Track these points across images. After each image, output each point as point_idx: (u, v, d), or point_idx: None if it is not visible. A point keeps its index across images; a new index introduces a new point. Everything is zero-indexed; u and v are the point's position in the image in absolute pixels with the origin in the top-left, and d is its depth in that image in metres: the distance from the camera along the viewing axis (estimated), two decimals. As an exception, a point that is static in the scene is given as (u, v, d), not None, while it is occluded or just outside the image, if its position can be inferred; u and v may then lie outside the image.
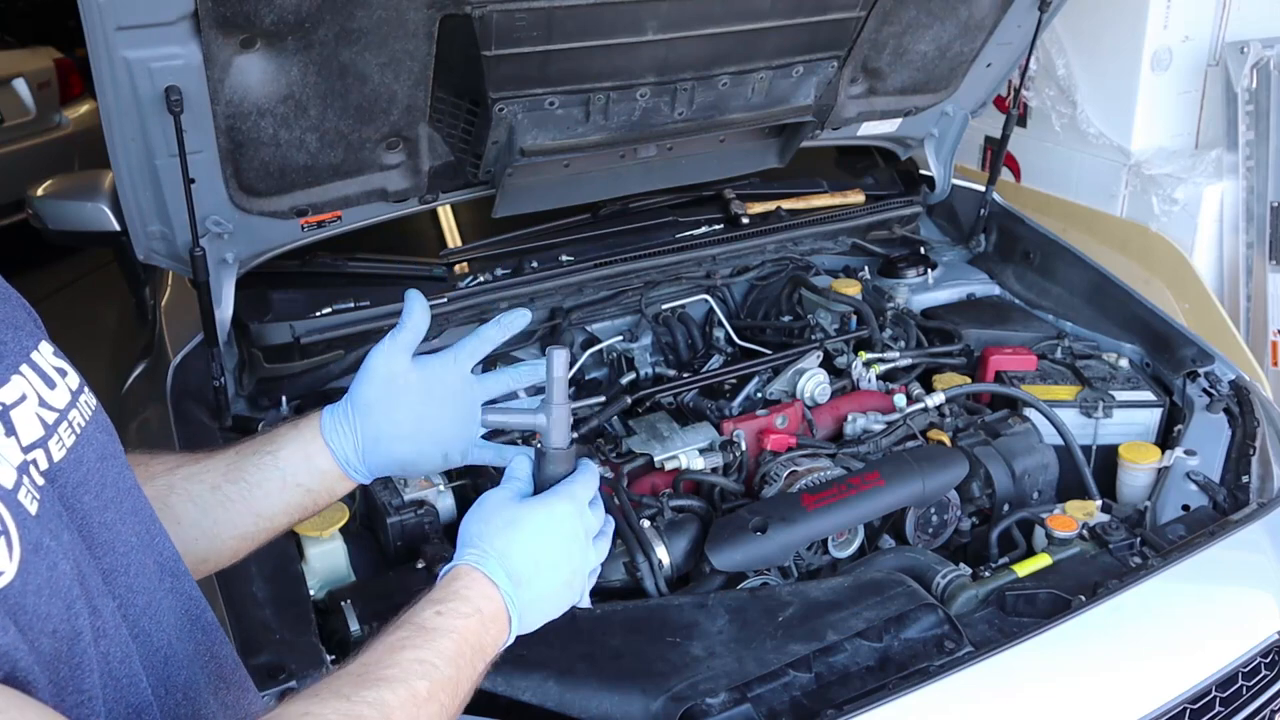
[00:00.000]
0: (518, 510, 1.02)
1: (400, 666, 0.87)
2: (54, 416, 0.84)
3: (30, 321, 0.91)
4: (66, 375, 0.89)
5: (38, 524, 0.76)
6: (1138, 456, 1.95)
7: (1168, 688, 1.50)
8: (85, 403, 0.90)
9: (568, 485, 1.06)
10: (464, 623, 0.93)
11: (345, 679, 0.86)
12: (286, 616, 1.47)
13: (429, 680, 0.87)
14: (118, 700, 0.82)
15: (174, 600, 0.95)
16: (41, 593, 0.74)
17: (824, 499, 1.72)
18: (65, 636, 0.76)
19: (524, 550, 1.00)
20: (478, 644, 0.94)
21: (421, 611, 0.93)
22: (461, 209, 2.37)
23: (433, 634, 0.91)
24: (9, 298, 0.89)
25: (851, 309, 2.35)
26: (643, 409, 2.09)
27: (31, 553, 0.74)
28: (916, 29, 2.23)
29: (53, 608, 0.75)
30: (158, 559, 0.94)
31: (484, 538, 1.00)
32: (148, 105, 1.52)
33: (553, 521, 1.02)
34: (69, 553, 0.79)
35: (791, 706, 1.38)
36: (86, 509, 0.85)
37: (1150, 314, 2.32)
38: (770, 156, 2.40)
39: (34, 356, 0.86)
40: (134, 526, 0.91)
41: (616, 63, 1.86)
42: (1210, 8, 3.41)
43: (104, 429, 0.92)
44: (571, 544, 1.04)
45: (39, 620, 0.73)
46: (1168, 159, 3.46)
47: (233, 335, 2.00)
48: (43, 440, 0.82)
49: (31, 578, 0.73)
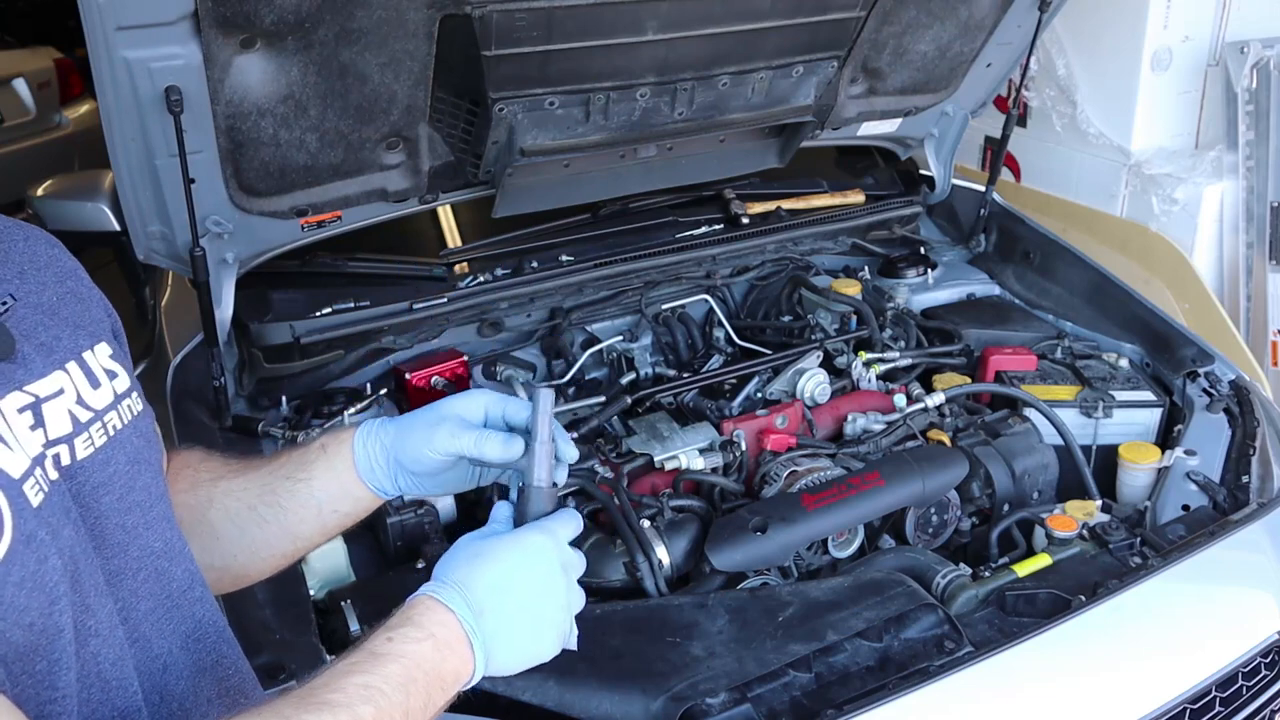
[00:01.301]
0: (485, 544, 1.00)
1: (345, 691, 0.84)
2: (88, 415, 0.86)
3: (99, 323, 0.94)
4: (116, 378, 0.91)
5: (36, 516, 0.77)
6: (1138, 456, 1.95)
7: (1168, 688, 1.50)
8: (128, 407, 0.92)
9: (544, 521, 1.03)
10: (415, 648, 0.90)
11: (289, 701, 0.84)
12: (286, 616, 1.47)
13: (374, 705, 0.84)
14: (102, 702, 0.82)
15: (183, 612, 0.95)
16: (23, 585, 0.74)
17: (824, 499, 1.72)
18: (42, 631, 0.76)
19: (486, 580, 0.96)
20: (433, 671, 0.91)
21: (374, 638, 0.91)
22: (461, 209, 2.37)
23: (381, 659, 0.88)
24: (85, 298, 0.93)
25: (851, 309, 2.35)
26: (643, 409, 2.09)
27: (22, 544, 0.75)
28: (916, 29, 2.23)
29: (33, 601, 0.75)
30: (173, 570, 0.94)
31: (447, 571, 0.98)
32: (148, 105, 1.52)
33: (521, 554, 0.99)
34: (66, 549, 0.79)
35: (791, 706, 1.38)
36: (104, 509, 0.86)
37: (1150, 314, 2.32)
38: (770, 156, 2.40)
39: (86, 355, 0.88)
40: (160, 533, 0.92)
41: (616, 63, 1.86)
42: (1210, 8, 3.41)
43: (143, 435, 0.93)
44: (546, 579, 0.99)
45: (15, 612, 0.74)
46: (1168, 159, 3.46)
47: (233, 335, 2.00)
48: (69, 436, 0.83)
49: (15, 569, 0.74)
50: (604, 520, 1.77)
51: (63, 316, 0.87)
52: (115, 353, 0.93)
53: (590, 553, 1.66)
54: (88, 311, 0.92)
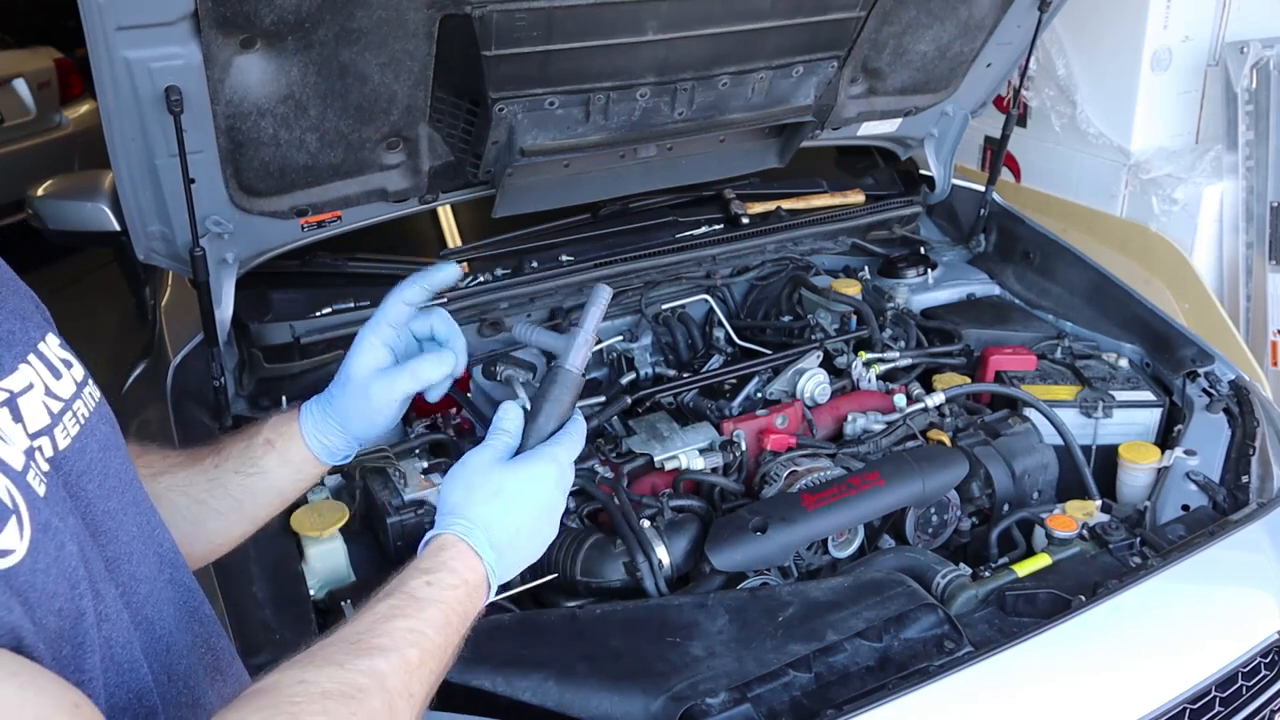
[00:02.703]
0: (502, 478, 1.04)
1: (391, 635, 0.89)
2: (59, 406, 0.86)
3: (38, 314, 0.93)
4: (72, 367, 0.91)
5: (46, 505, 0.77)
6: (1138, 456, 1.95)
7: (1168, 688, 1.50)
8: (90, 394, 0.92)
9: (552, 448, 1.07)
10: (451, 594, 0.96)
11: (339, 646, 0.87)
12: (286, 616, 1.48)
13: (419, 648, 0.90)
14: (119, 685, 0.83)
15: (173, 591, 0.97)
16: (50, 571, 0.75)
17: (824, 499, 1.72)
18: (69, 615, 0.77)
19: (507, 520, 1.03)
20: (463, 612, 0.98)
21: (410, 580, 0.96)
22: (461, 209, 2.37)
23: (423, 603, 0.94)
24: (18, 290, 0.91)
25: (851, 309, 2.35)
26: (643, 409, 2.09)
27: (41, 532, 0.75)
28: (916, 29, 2.23)
29: (59, 586, 0.76)
30: (157, 550, 0.96)
31: (469, 506, 1.03)
32: (148, 105, 1.52)
33: (536, 489, 1.05)
34: (75, 535, 0.80)
35: (791, 706, 1.38)
36: (90, 497, 0.86)
37: (1150, 314, 2.32)
38: (770, 156, 2.40)
39: (41, 347, 0.88)
40: (135, 517, 0.93)
41: (616, 63, 1.86)
42: (1210, 8, 3.41)
43: (107, 420, 0.93)
44: (554, 509, 1.07)
45: (46, 599, 0.74)
46: (1168, 159, 3.46)
47: (233, 335, 2.00)
48: (48, 428, 0.83)
49: (40, 557, 0.74)
50: (604, 520, 1.77)
51: (10, 309, 0.86)
52: (63, 342, 0.93)
53: (590, 553, 1.66)
54: (24, 303, 0.91)
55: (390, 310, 1.18)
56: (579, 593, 1.66)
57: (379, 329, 1.18)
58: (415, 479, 1.79)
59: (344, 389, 1.18)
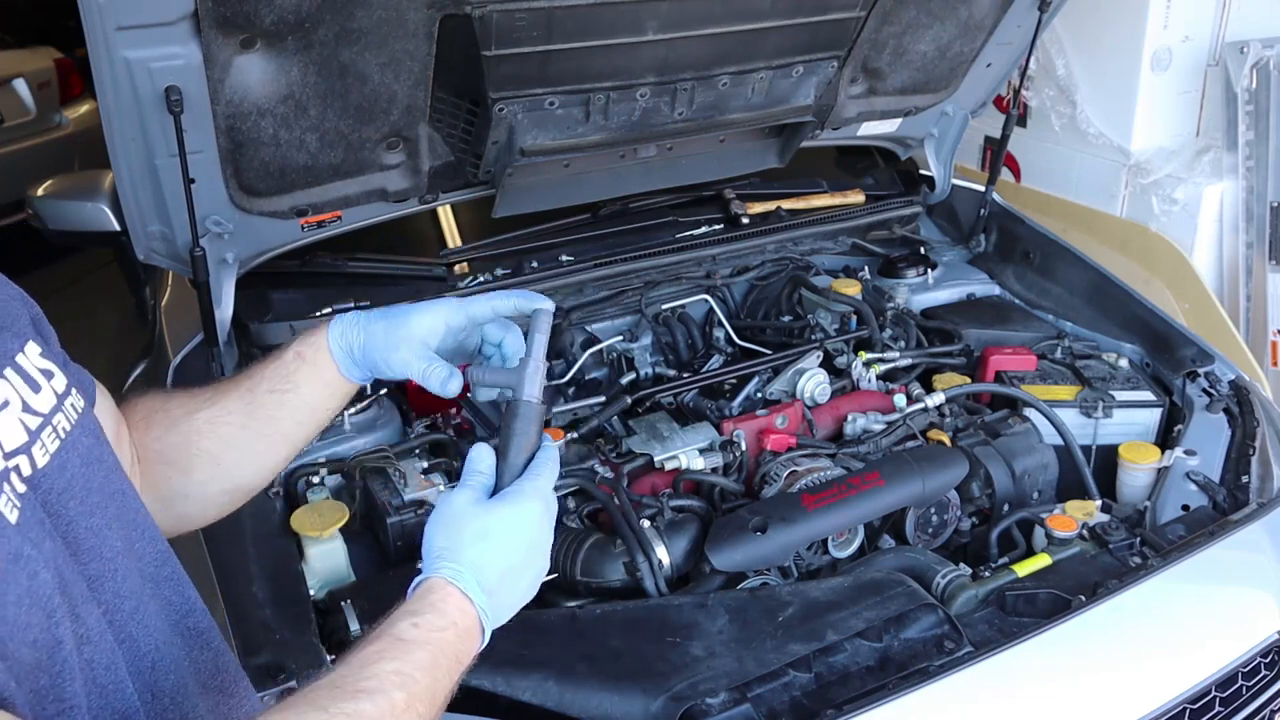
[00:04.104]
0: (488, 518, 1.01)
1: (378, 679, 0.87)
2: (37, 422, 0.83)
3: (21, 320, 0.90)
4: (53, 377, 0.88)
5: (18, 533, 0.75)
6: (1138, 456, 1.95)
7: (1168, 688, 1.50)
8: (71, 405, 0.89)
9: (533, 481, 1.05)
10: (439, 635, 0.93)
11: (324, 691, 0.85)
12: (286, 616, 1.47)
13: (406, 691, 0.87)
14: (103, 707, 0.82)
15: (161, 605, 0.95)
16: (21, 603, 0.73)
17: (824, 499, 1.72)
18: (45, 645, 0.75)
19: (496, 561, 0.99)
20: (454, 655, 0.94)
21: (397, 623, 0.93)
22: (461, 209, 2.37)
23: (409, 645, 0.91)
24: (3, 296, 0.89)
25: (851, 309, 2.35)
26: (643, 409, 2.09)
27: (11, 563, 0.73)
28: (916, 29, 2.23)
29: (33, 617, 0.74)
30: (141, 564, 0.93)
31: (456, 550, 0.99)
32: (148, 105, 1.52)
33: (523, 526, 1.02)
34: (50, 561, 0.78)
35: (791, 706, 1.38)
36: (71, 515, 0.84)
37: (1150, 314, 2.32)
38: (770, 156, 2.40)
39: (19, 359, 0.85)
40: (120, 532, 0.91)
41: (616, 63, 1.86)
42: (1210, 8, 3.41)
43: (90, 433, 0.91)
44: (543, 545, 1.05)
45: (18, 630, 0.73)
46: (1168, 159, 3.46)
47: (233, 335, 2.00)
48: (26, 446, 0.81)
49: (11, 588, 0.73)
50: (604, 520, 1.77)
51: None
52: (44, 350, 0.90)
53: (590, 553, 1.66)
54: (6, 310, 0.88)
55: (476, 303, 1.19)
56: (579, 593, 1.66)
57: (457, 309, 1.18)
58: (415, 479, 1.79)
59: (389, 324, 1.17)
